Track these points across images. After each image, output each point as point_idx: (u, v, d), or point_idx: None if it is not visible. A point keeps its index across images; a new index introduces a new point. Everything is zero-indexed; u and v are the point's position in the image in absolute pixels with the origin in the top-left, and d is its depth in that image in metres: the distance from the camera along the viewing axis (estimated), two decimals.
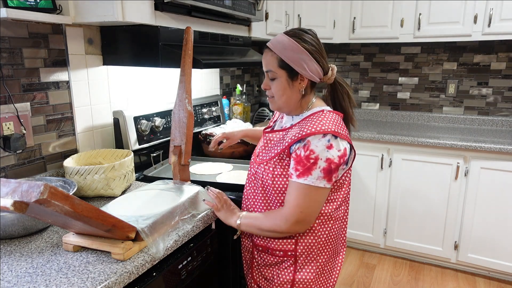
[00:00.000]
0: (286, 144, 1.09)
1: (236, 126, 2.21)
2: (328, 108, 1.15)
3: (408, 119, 3.13)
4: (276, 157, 1.11)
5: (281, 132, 1.17)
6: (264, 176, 1.15)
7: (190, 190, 1.27)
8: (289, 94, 1.12)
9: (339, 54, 3.29)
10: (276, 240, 1.15)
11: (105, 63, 1.64)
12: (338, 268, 1.26)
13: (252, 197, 1.22)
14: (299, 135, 1.05)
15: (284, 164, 1.10)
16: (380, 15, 2.74)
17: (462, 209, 2.48)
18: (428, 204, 2.56)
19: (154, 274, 1.03)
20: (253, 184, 1.22)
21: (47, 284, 0.86)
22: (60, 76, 1.48)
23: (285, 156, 1.10)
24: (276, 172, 1.11)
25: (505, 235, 2.38)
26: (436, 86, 3.00)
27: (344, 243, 1.30)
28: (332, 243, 1.19)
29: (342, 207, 1.20)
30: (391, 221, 2.70)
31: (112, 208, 1.12)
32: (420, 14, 2.60)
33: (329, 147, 1.03)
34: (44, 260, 0.96)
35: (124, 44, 1.57)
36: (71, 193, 1.05)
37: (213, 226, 1.36)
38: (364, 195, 2.75)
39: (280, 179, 1.11)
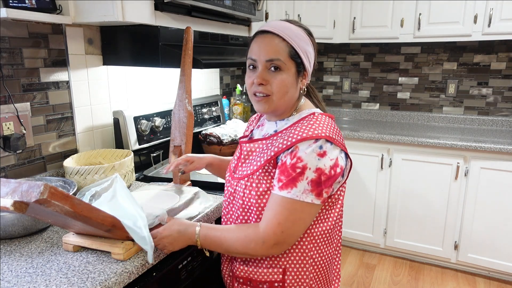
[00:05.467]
0: (272, 153, 0.91)
1: (235, 127, 2.21)
2: (319, 110, 1.00)
3: (408, 119, 3.13)
4: (260, 170, 0.93)
5: (264, 141, 0.98)
6: (245, 195, 0.95)
7: (190, 191, 1.27)
8: (293, 93, 0.95)
9: (339, 54, 3.29)
10: (260, 271, 0.96)
11: (105, 63, 1.64)
12: None
13: (231, 223, 1.03)
14: (289, 143, 0.88)
15: (270, 178, 0.92)
16: (380, 15, 2.74)
17: (462, 209, 2.48)
18: (428, 204, 2.56)
19: (154, 274, 1.03)
20: (232, 206, 1.02)
21: (47, 284, 0.86)
22: (60, 76, 1.48)
23: (271, 167, 0.92)
24: (261, 189, 0.93)
25: (505, 235, 2.38)
26: (436, 86, 3.00)
27: (338, 271, 1.10)
28: (325, 270, 1.00)
29: (337, 227, 1.02)
30: (391, 221, 2.70)
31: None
32: (420, 14, 2.60)
33: (321, 154, 0.86)
34: (44, 260, 0.96)
35: (124, 44, 1.57)
36: (71, 193, 1.05)
37: None
38: (364, 195, 2.75)
39: (267, 197, 0.92)
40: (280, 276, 0.95)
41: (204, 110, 2.21)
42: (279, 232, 0.88)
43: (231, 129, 2.16)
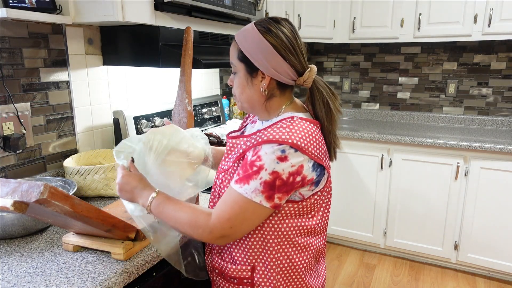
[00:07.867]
0: (241, 151, 0.94)
1: (236, 127, 2.21)
2: (301, 115, 0.97)
3: (408, 119, 3.13)
4: (233, 166, 0.96)
5: (245, 138, 1.00)
6: (221, 188, 0.99)
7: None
8: (249, 93, 0.97)
9: (339, 54, 3.29)
10: (230, 266, 0.99)
11: (105, 63, 1.64)
12: None
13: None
14: (256, 142, 0.89)
15: None
16: (380, 15, 2.74)
17: (462, 209, 2.48)
18: (428, 204, 2.56)
19: (154, 274, 1.03)
20: (213, 197, 1.06)
21: (47, 284, 0.86)
22: (60, 76, 1.48)
23: (241, 164, 0.93)
24: None
25: (505, 235, 2.38)
26: (436, 86, 3.00)
27: (324, 273, 1.10)
28: (301, 274, 1.00)
29: (319, 237, 1.02)
30: (391, 221, 2.70)
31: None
32: (420, 14, 2.60)
33: (281, 158, 0.85)
34: (44, 260, 0.96)
35: (124, 44, 1.57)
36: (71, 193, 1.05)
37: None
38: (364, 195, 2.75)
39: None
40: (249, 273, 0.98)
41: (204, 110, 2.20)
42: (228, 227, 0.88)
43: (231, 129, 2.16)
